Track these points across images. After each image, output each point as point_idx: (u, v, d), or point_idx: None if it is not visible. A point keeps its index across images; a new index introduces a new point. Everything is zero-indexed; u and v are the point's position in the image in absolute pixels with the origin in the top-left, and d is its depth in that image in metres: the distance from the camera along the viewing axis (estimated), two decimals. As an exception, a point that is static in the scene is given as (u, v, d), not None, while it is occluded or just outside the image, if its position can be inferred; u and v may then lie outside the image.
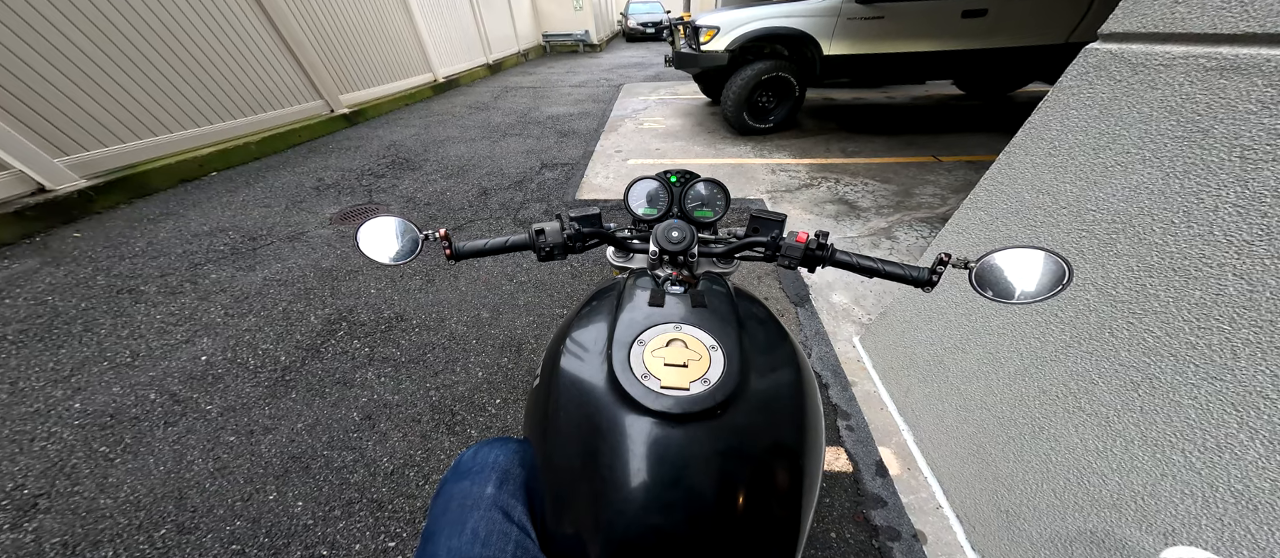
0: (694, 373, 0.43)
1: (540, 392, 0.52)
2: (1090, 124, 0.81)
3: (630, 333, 0.47)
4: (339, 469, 1.30)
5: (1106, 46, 0.78)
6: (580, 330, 0.53)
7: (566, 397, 0.47)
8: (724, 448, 0.40)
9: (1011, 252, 0.47)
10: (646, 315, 0.50)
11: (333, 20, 4.71)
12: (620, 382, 0.42)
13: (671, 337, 0.47)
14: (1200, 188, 0.64)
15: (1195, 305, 0.64)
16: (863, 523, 1.14)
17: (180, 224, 2.72)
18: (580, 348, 0.50)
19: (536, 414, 0.51)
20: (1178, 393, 0.66)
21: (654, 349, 0.45)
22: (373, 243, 0.58)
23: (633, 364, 0.44)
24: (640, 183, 0.77)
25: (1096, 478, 0.78)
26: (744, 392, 0.42)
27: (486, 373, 1.64)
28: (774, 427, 0.44)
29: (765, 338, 0.53)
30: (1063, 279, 0.44)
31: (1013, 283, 0.47)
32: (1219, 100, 0.62)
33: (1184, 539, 0.65)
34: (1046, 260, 0.45)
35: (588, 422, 0.44)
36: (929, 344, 1.26)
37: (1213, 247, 0.62)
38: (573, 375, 0.48)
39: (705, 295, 0.54)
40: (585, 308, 0.59)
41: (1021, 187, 0.96)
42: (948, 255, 0.50)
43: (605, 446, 0.41)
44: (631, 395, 0.41)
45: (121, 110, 2.97)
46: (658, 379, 0.42)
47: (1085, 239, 0.80)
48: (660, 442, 0.39)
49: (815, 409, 0.50)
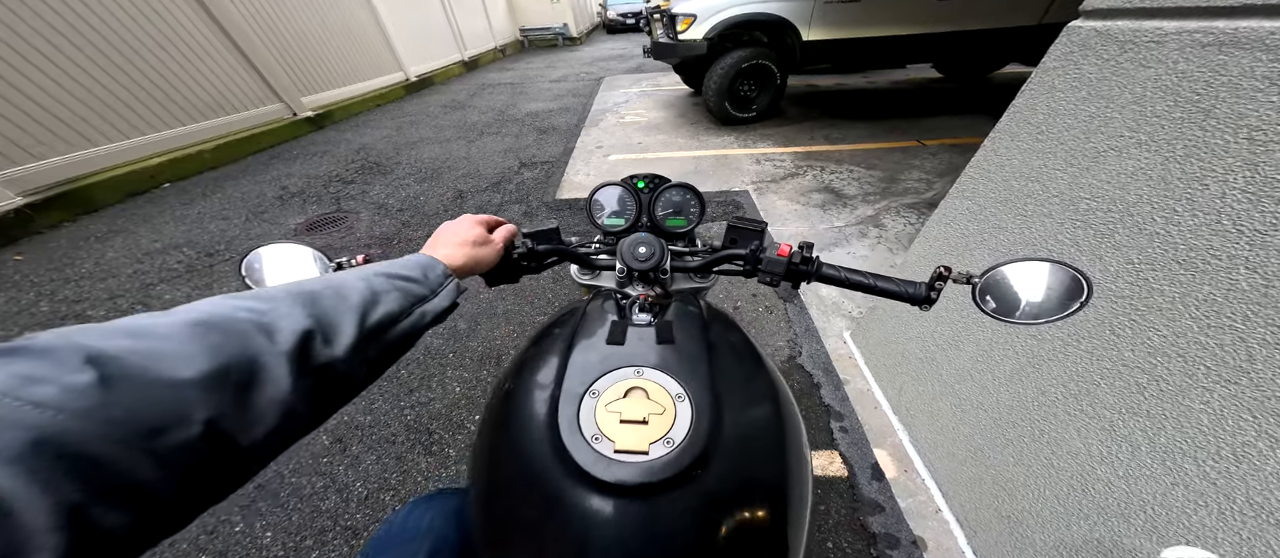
0: (655, 431, 0.36)
1: (482, 445, 0.44)
2: (1079, 107, 0.76)
3: (581, 382, 0.40)
4: (309, 497, 1.25)
5: (1090, 24, 0.73)
6: (526, 374, 0.46)
7: (508, 460, 0.40)
8: (693, 522, 0.34)
9: (1020, 265, 0.41)
10: (603, 358, 0.43)
11: (286, 19, 4.47)
12: (567, 447, 0.35)
13: (630, 385, 0.40)
14: (1204, 173, 0.59)
15: (1203, 302, 0.59)
16: (860, 531, 1.11)
17: (130, 241, 2.56)
18: (525, 397, 0.43)
19: (477, 470, 0.44)
20: (1187, 397, 0.62)
21: (609, 402, 0.38)
22: (262, 276, 0.49)
23: (582, 423, 0.37)
24: (605, 190, 0.70)
25: (1102, 485, 0.74)
26: (714, 450, 0.36)
27: (464, 388, 1.57)
28: (752, 483, 0.38)
29: (740, 373, 0.46)
30: (1081, 296, 0.38)
31: (1022, 299, 0.41)
32: (1220, 78, 0.57)
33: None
34: (1060, 274, 0.39)
35: (530, 494, 0.37)
36: (921, 340, 1.22)
37: (1221, 237, 0.57)
38: (516, 433, 0.41)
39: (674, 327, 0.46)
40: (539, 341, 0.52)
41: (1009, 174, 0.91)
42: (947, 269, 0.44)
43: (551, 524, 0.34)
44: (580, 464, 0.34)
45: (56, 121, 2.77)
46: (611, 441, 0.35)
47: (1080, 230, 0.76)
48: (615, 520, 0.33)
49: (798, 443, 0.44)
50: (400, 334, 0.35)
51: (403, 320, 0.35)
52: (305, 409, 0.27)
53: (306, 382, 0.27)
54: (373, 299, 0.33)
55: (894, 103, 4.79)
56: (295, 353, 0.26)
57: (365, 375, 0.33)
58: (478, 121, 4.91)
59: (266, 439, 0.25)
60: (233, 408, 0.23)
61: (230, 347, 0.24)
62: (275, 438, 0.25)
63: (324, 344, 0.29)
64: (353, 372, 0.31)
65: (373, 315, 0.33)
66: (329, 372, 0.29)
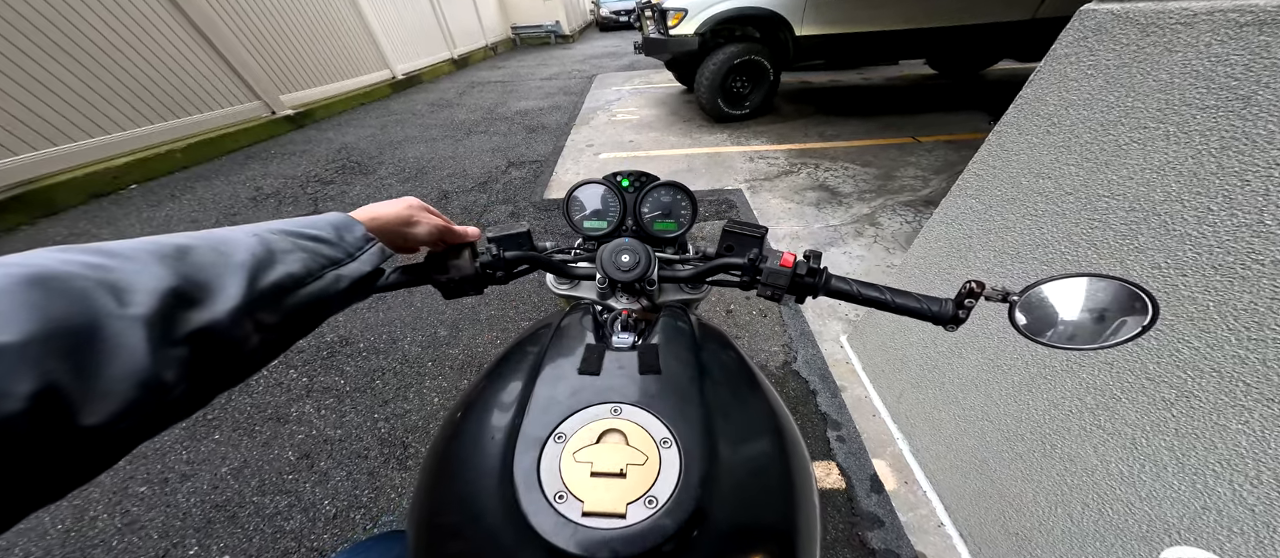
0: (634, 487, 0.28)
1: (419, 498, 0.36)
2: (1095, 96, 0.70)
3: (546, 423, 0.32)
4: (272, 516, 1.18)
5: (1106, 6, 0.67)
6: (482, 407, 0.38)
7: (447, 520, 0.33)
8: None
9: (1068, 282, 0.34)
10: (574, 391, 0.35)
11: (262, 13, 4.30)
12: (523, 507, 0.27)
13: (606, 426, 0.32)
14: (1244, 168, 0.53)
15: (1244, 311, 0.53)
16: (859, 547, 1.05)
17: (93, 246, 2.44)
18: (476, 438, 0.35)
19: (415, 528, 0.36)
20: (1223, 415, 0.56)
21: (578, 449, 0.30)
22: None
23: (543, 476, 0.29)
24: (585, 188, 0.62)
25: (1121, 505, 0.68)
26: (710, 504, 0.28)
27: (443, 399, 1.49)
28: (755, 537, 0.31)
29: (736, 400, 0.39)
30: (1146, 318, 0.31)
31: (1071, 321, 0.34)
32: (1261, 60, 0.51)
33: None
34: (1117, 292, 0.32)
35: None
36: (922, 345, 1.16)
37: (1264, 240, 0.51)
38: (460, 487, 0.33)
39: (660, 352, 0.39)
40: (498, 369, 0.43)
41: (1017, 170, 0.85)
42: (979, 285, 0.36)
43: None
44: (537, 531, 0.26)
45: (12, 119, 2.62)
46: (580, 501, 0.28)
47: (1098, 230, 0.70)
48: None
49: (806, 486, 0.37)
50: (308, 299, 0.31)
51: (310, 283, 0.31)
52: (178, 382, 0.23)
53: (176, 352, 0.23)
54: (268, 257, 0.29)
55: (888, 99, 4.76)
56: (154, 316, 0.22)
57: (261, 345, 0.28)
58: (466, 120, 4.80)
59: (121, 418, 0.20)
60: (70, 380, 0.18)
61: (58, 307, 0.19)
62: (135, 418, 0.21)
63: (197, 307, 0.24)
64: (241, 339, 0.26)
65: (268, 276, 0.28)
66: (206, 338, 0.24)
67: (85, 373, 0.19)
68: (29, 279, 0.19)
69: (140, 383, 0.21)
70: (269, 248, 0.29)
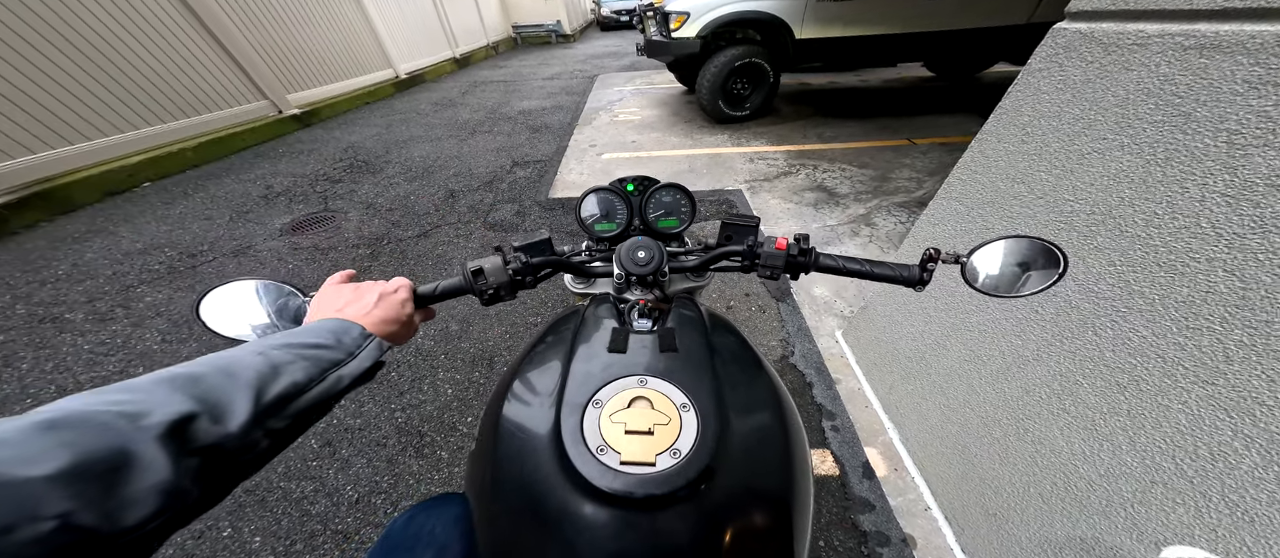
0: (661, 442, 0.35)
1: (482, 457, 0.44)
2: (1063, 109, 0.77)
3: (584, 392, 0.39)
4: (298, 501, 1.24)
5: (1075, 25, 0.74)
6: (526, 383, 0.45)
7: (510, 473, 0.39)
8: (701, 533, 0.33)
9: (1002, 243, 0.43)
10: (605, 366, 0.42)
11: (270, 13, 4.37)
12: (571, 458, 0.34)
13: (635, 394, 0.39)
14: (1184, 176, 0.60)
15: (1183, 303, 0.60)
16: (852, 529, 1.12)
17: (109, 242, 2.49)
18: (526, 407, 0.42)
19: (478, 484, 0.43)
20: (1166, 397, 0.63)
21: (613, 412, 0.37)
22: (228, 319, 0.46)
23: (586, 434, 0.36)
24: (594, 196, 0.69)
25: (1084, 483, 0.76)
26: (723, 458, 0.35)
27: (457, 390, 1.55)
28: (758, 491, 0.38)
29: (742, 377, 0.46)
30: (1059, 268, 0.40)
31: (1006, 275, 0.43)
32: (1201, 81, 0.58)
33: None
34: (1037, 249, 0.42)
35: (534, 505, 0.36)
36: (911, 340, 1.23)
37: (1200, 240, 0.58)
38: (517, 445, 0.40)
39: (676, 335, 0.46)
40: (535, 350, 0.51)
41: (996, 175, 0.92)
42: (936, 251, 0.45)
43: (557, 540, 0.34)
44: (585, 477, 0.33)
45: (31, 119, 2.68)
46: (617, 452, 0.34)
47: (1063, 231, 0.77)
48: (622, 533, 0.32)
49: (802, 450, 0.44)
50: (312, 401, 0.34)
51: (312, 388, 0.35)
52: (196, 488, 0.27)
53: (191, 462, 0.26)
54: (272, 372, 0.32)
55: (886, 101, 4.82)
56: (170, 435, 0.25)
57: (271, 446, 0.32)
58: (469, 120, 4.86)
59: (148, 522, 0.24)
60: (98, 497, 0.22)
61: (87, 440, 0.23)
62: (159, 519, 0.25)
63: (211, 423, 0.28)
64: (251, 445, 0.30)
65: (272, 389, 0.32)
66: (219, 451, 0.28)
67: (111, 491, 0.22)
68: (56, 421, 0.23)
69: (163, 492, 0.24)
70: (272, 364, 0.33)
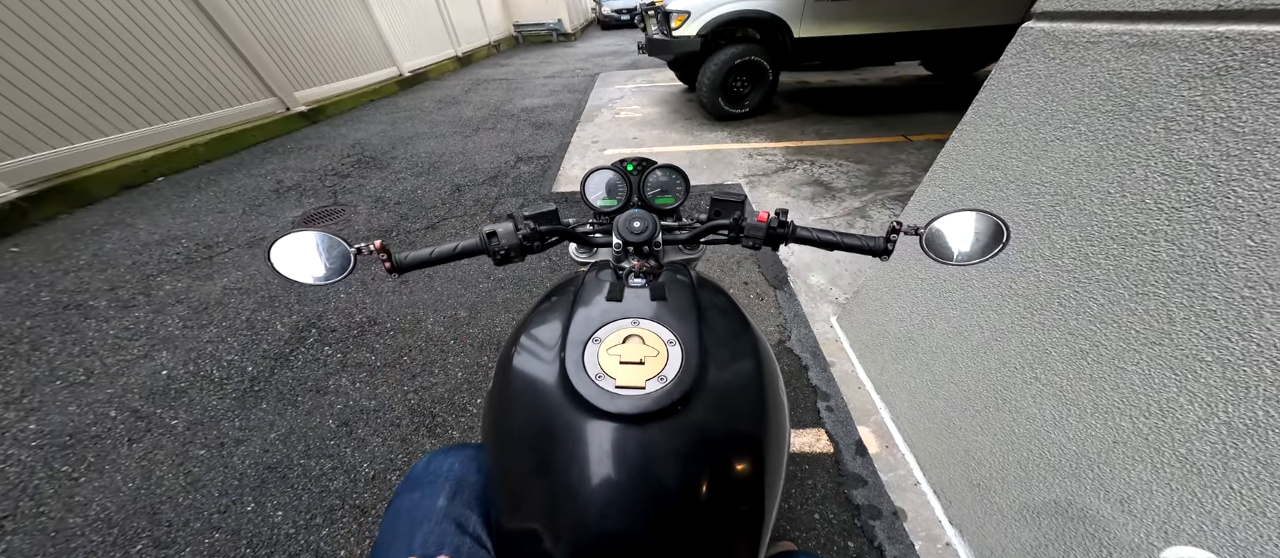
0: (650, 370, 0.42)
1: (494, 395, 0.51)
2: (1030, 101, 0.83)
3: (585, 331, 0.46)
4: (318, 477, 1.28)
5: (1040, 25, 0.80)
6: (535, 329, 0.52)
7: (520, 400, 0.46)
8: (683, 447, 0.39)
9: (955, 215, 0.49)
10: (603, 311, 0.49)
11: (278, 11, 4.44)
12: (573, 383, 0.41)
13: (628, 333, 0.46)
14: (1130, 159, 0.67)
15: (1133, 272, 0.67)
16: (845, 503, 1.17)
17: (127, 233, 2.57)
18: (534, 347, 0.49)
19: (490, 418, 0.50)
20: (1122, 359, 0.69)
21: (610, 347, 0.44)
22: (291, 262, 0.51)
23: (587, 364, 0.43)
24: (597, 174, 0.75)
25: (1056, 447, 0.81)
26: (702, 387, 0.42)
27: (466, 373, 1.61)
28: (734, 420, 0.44)
29: (726, 328, 0.52)
30: (1002, 238, 0.46)
31: (957, 245, 0.49)
32: (1142, 75, 0.64)
33: (1138, 506, 0.68)
34: (985, 221, 0.48)
35: (541, 425, 0.42)
36: (900, 321, 1.30)
37: (1146, 214, 0.65)
38: (526, 377, 0.47)
39: (666, 288, 0.53)
40: (542, 305, 0.58)
41: (974, 162, 0.99)
42: (899, 223, 0.51)
43: (560, 450, 0.40)
44: (585, 397, 0.39)
45: (50, 115, 2.75)
46: (613, 379, 0.41)
47: (1032, 211, 0.84)
48: (616, 444, 0.38)
49: (777, 398, 0.50)
50: None
51: None
52: None
53: None
54: None
55: (883, 99, 4.88)
56: None
57: None
58: (473, 117, 4.92)
59: None
60: None
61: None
62: None
63: None
64: None
65: None
66: None
67: None
68: None
69: None
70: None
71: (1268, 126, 0.52)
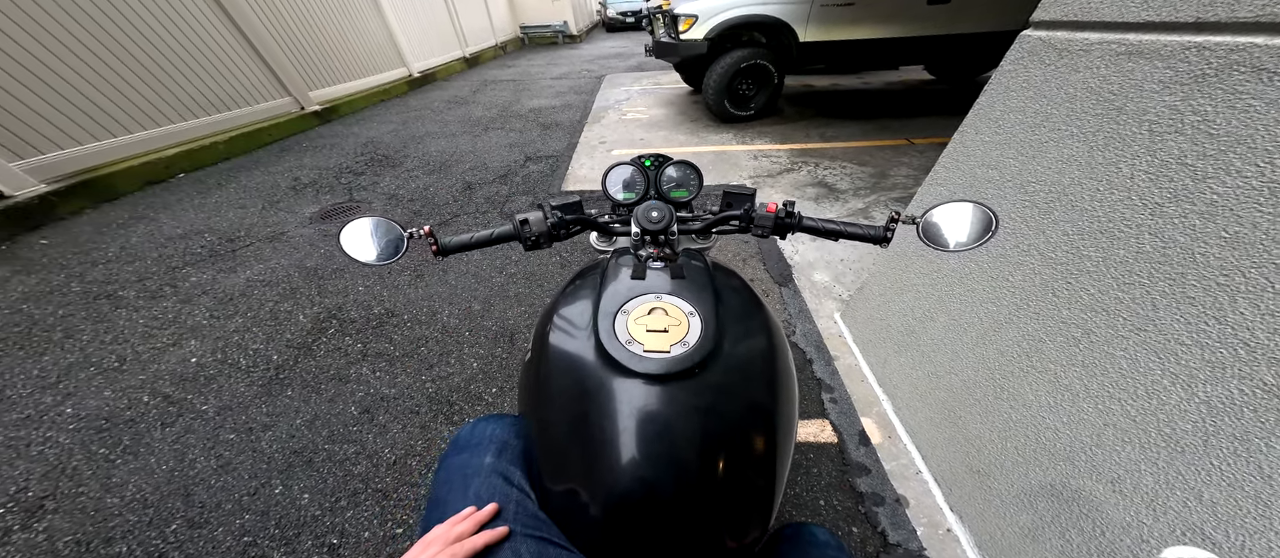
0: (674, 337, 0.47)
1: (532, 364, 0.57)
2: (1027, 104, 0.88)
3: (615, 304, 0.52)
4: (342, 462, 1.33)
5: (1037, 33, 0.86)
6: (567, 306, 0.58)
7: (557, 366, 0.52)
8: (703, 404, 0.45)
9: (948, 205, 0.54)
10: (630, 288, 0.55)
11: (296, 14, 4.54)
12: (606, 348, 0.46)
13: (653, 305, 0.51)
14: (1118, 158, 0.72)
15: (1120, 263, 0.72)
16: (849, 491, 1.20)
17: (152, 227, 2.64)
18: (568, 321, 0.55)
19: (529, 385, 0.56)
20: (1111, 346, 0.74)
21: (637, 317, 0.50)
22: (356, 244, 0.59)
23: (618, 332, 0.48)
24: (617, 169, 0.81)
25: (1051, 433, 0.85)
26: (719, 353, 0.47)
27: (481, 364, 1.66)
28: (748, 386, 0.49)
29: (740, 306, 0.58)
30: (991, 226, 0.51)
31: (952, 234, 0.54)
32: (1129, 81, 0.70)
33: (1127, 485, 0.72)
34: (976, 211, 0.53)
35: (578, 387, 0.48)
36: (902, 315, 1.35)
37: (1131, 209, 0.70)
38: (562, 346, 0.53)
39: (684, 268, 0.59)
40: (571, 285, 0.64)
41: (973, 163, 1.04)
42: (898, 213, 0.56)
43: (595, 407, 0.45)
44: (617, 360, 0.45)
45: (75, 111, 2.84)
46: (641, 344, 0.47)
47: (1028, 208, 0.89)
48: (645, 400, 0.44)
49: (788, 373, 0.55)
50: None
51: None
52: None
53: None
54: None
55: (886, 103, 4.92)
56: None
57: None
58: (482, 117, 4.99)
59: None
60: None
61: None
62: None
63: None
64: None
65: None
66: None
67: None
68: None
69: None
70: None
71: (1239, 129, 0.57)
